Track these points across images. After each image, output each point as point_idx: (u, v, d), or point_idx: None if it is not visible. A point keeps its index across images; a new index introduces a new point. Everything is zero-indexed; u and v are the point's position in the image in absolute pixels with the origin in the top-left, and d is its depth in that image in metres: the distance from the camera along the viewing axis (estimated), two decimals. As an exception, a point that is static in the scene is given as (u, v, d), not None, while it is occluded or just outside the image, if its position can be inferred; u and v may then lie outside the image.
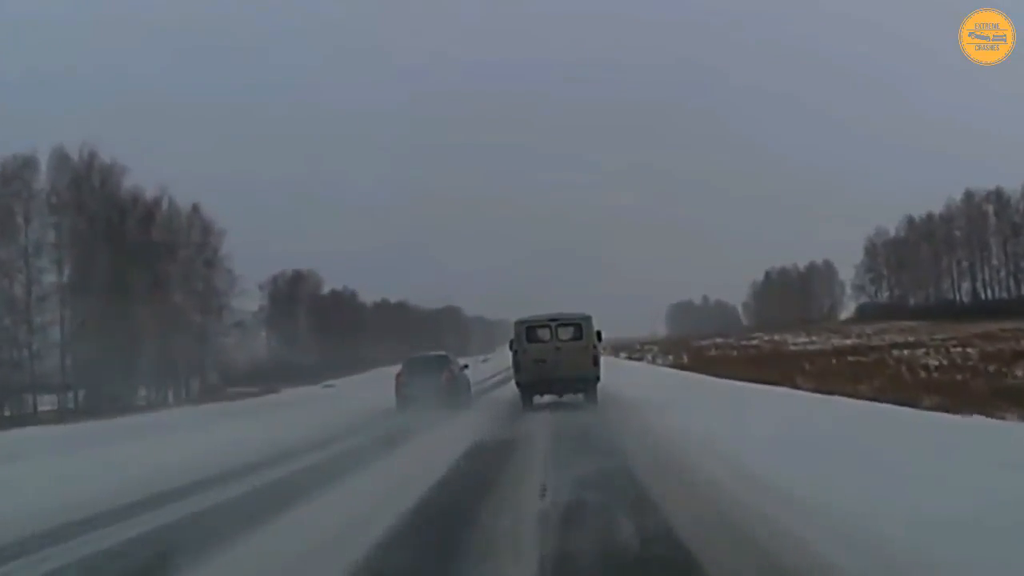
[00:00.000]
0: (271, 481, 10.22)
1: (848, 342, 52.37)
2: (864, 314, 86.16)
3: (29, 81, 59.96)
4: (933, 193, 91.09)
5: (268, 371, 62.01)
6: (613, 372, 32.49)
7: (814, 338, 62.47)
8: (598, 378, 19.44)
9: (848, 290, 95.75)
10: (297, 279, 71.77)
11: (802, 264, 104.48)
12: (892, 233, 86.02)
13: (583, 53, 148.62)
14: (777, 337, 67.22)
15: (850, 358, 35.77)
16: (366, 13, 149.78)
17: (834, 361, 35.19)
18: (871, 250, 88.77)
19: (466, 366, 25.82)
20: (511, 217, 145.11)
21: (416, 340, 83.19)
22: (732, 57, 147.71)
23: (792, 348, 52.00)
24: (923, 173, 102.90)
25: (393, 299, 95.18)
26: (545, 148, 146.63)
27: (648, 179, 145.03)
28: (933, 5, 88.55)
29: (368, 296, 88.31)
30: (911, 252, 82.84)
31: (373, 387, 36.72)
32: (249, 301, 65.11)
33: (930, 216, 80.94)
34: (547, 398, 20.13)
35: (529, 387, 19.69)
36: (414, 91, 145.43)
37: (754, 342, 65.30)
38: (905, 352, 36.34)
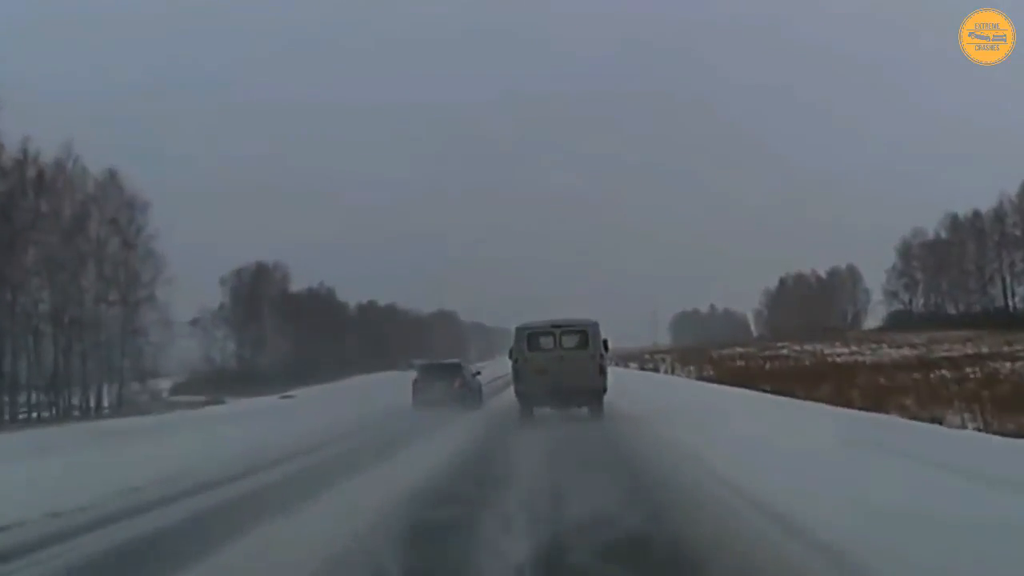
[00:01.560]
0: None
1: (907, 353, 44.01)
2: (897, 322, 77.11)
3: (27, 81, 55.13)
4: (935, 197, 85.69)
5: (226, 377, 54.47)
6: (643, 389, 25.72)
7: (854, 348, 54.25)
8: (605, 390, 18.58)
9: (874, 296, 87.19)
10: (261, 273, 62.78)
11: (822, 270, 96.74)
12: (931, 234, 77.10)
13: (587, 53, 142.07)
14: (808, 347, 58.95)
15: (941, 374, 27.37)
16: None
17: (916, 376, 27.00)
18: (905, 252, 79.83)
19: (478, 372, 27.66)
20: (509, 222, 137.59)
21: (405, 347, 75.76)
22: (733, 57, 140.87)
23: (838, 360, 43.70)
24: (924, 177, 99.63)
25: (382, 302, 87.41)
26: (547, 146, 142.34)
27: (651, 182, 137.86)
28: (933, 5, 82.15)
29: (355, 297, 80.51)
30: (955, 254, 73.72)
31: (339, 400, 34.03)
32: (209, 297, 57.67)
33: (976, 214, 71.83)
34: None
35: (529, 398, 18.71)
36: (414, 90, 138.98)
37: (783, 352, 57.38)
38: (1012, 366, 28.21)
